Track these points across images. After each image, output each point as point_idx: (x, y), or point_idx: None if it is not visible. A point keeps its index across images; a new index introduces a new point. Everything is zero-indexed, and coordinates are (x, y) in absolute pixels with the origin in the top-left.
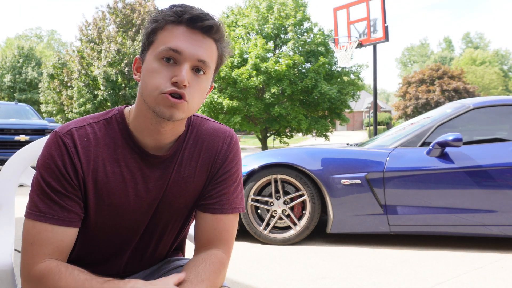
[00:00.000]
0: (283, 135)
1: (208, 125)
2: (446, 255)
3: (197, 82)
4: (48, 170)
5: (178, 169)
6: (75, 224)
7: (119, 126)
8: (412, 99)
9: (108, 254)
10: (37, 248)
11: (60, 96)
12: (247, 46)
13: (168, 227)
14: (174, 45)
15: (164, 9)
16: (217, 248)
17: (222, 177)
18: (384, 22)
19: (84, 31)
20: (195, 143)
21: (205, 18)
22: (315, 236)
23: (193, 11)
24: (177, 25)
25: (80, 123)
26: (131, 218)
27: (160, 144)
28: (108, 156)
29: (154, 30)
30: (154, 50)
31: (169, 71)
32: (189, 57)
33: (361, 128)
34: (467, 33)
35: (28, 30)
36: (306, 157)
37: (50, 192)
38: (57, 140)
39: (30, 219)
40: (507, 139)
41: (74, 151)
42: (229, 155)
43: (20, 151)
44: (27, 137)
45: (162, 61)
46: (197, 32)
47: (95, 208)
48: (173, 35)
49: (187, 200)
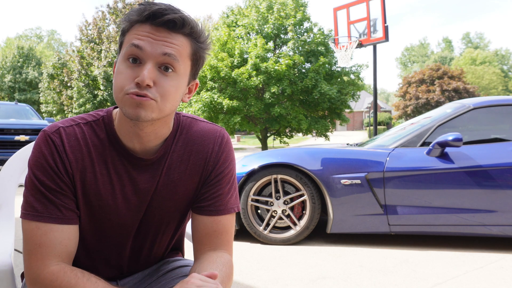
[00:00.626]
0: (283, 135)
1: (198, 126)
2: (446, 255)
3: (165, 79)
4: (40, 168)
5: (167, 172)
6: (74, 222)
7: (106, 128)
8: (412, 99)
9: (103, 256)
10: (46, 249)
11: (60, 96)
12: (247, 46)
13: (161, 229)
14: (136, 42)
15: (132, 9)
16: (222, 250)
17: (216, 179)
18: (384, 22)
19: (84, 31)
20: (184, 146)
21: (166, 13)
22: (315, 236)
23: (153, 7)
24: (142, 24)
25: (68, 123)
26: (121, 220)
27: (146, 147)
28: (96, 158)
29: (123, 32)
30: (122, 51)
31: (133, 71)
32: (151, 54)
33: (361, 128)
34: (467, 33)
35: (28, 30)
36: (306, 157)
37: (45, 190)
38: (46, 139)
39: (30, 220)
40: (507, 139)
41: (63, 150)
42: (221, 156)
43: (20, 151)
44: (27, 137)
45: (128, 62)
46: (161, 29)
47: (83, 209)
48: (136, 33)
49: (177, 203)
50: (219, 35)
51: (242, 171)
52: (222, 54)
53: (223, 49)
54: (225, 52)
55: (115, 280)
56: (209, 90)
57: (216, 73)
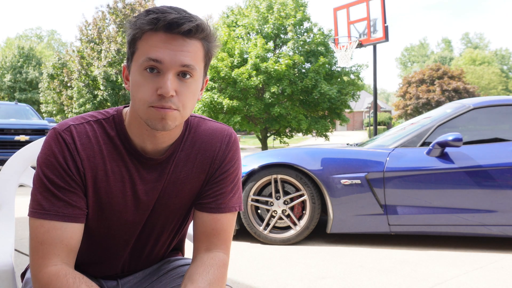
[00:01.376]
0: (283, 135)
1: (206, 126)
2: (446, 255)
3: (185, 87)
4: (50, 166)
5: (174, 170)
6: (81, 220)
7: (116, 128)
8: (412, 99)
9: (106, 254)
10: (47, 247)
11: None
12: (247, 46)
13: (165, 227)
14: (154, 55)
15: (140, 15)
16: (218, 249)
17: (220, 177)
18: (384, 22)
19: (84, 31)
20: (192, 145)
21: (182, 22)
22: (315, 236)
23: (167, 16)
24: (155, 33)
25: (79, 121)
26: (129, 218)
27: (157, 147)
28: (108, 156)
29: (134, 40)
30: (137, 61)
31: (154, 82)
32: (171, 65)
33: (361, 128)
34: (466, 33)
35: (29, 30)
36: (306, 157)
37: (54, 188)
38: (57, 137)
39: (36, 218)
40: (507, 139)
41: (74, 148)
42: (227, 155)
43: (20, 151)
44: (27, 137)
45: (145, 72)
46: (177, 37)
47: (93, 207)
48: (152, 44)
49: (183, 201)
50: (219, 35)
51: (242, 171)
52: (222, 54)
53: (223, 49)
54: (225, 52)
55: (116, 279)
56: (209, 90)
57: (216, 73)
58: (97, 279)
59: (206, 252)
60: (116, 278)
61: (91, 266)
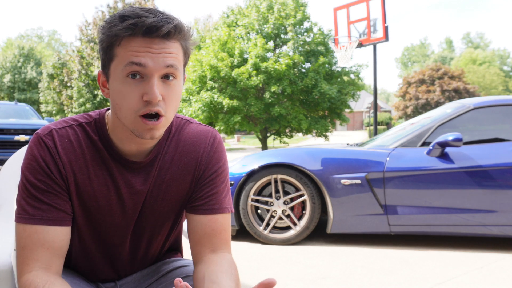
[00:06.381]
0: (283, 135)
1: (190, 128)
2: (446, 255)
3: (170, 90)
4: (32, 171)
5: (159, 173)
6: (66, 223)
7: (98, 131)
8: (412, 99)
9: (98, 258)
10: (27, 252)
11: (60, 96)
12: (247, 45)
13: (156, 229)
14: (137, 60)
15: (114, 20)
16: (223, 250)
17: (209, 178)
18: (384, 22)
19: (84, 31)
20: (176, 147)
21: (161, 25)
22: (315, 236)
23: (145, 20)
24: (133, 38)
25: (61, 125)
26: (116, 221)
27: (141, 149)
28: (90, 159)
29: (110, 46)
30: (117, 68)
31: (138, 88)
32: (155, 68)
33: (361, 128)
34: (467, 33)
35: (30, 30)
36: (306, 157)
37: (37, 193)
38: (39, 141)
39: (19, 223)
40: (507, 139)
41: (55, 152)
42: (213, 155)
43: (20, 151)
44: (27, 137)
45: (128, 79)
46: (156, 40)
47: (79, 211)
48: (131, 49)
49: (171, 203)
50: (219, 35)
51: (242, 171)
52: (222, 54)
53: (223, 49)
54: (225, 52)
55: (114, 281)
56: (209, 90)
57: (216, 73)
58: (95, 282)
59: (213, 254)
60: (113, 281)
61: (87, 270)
